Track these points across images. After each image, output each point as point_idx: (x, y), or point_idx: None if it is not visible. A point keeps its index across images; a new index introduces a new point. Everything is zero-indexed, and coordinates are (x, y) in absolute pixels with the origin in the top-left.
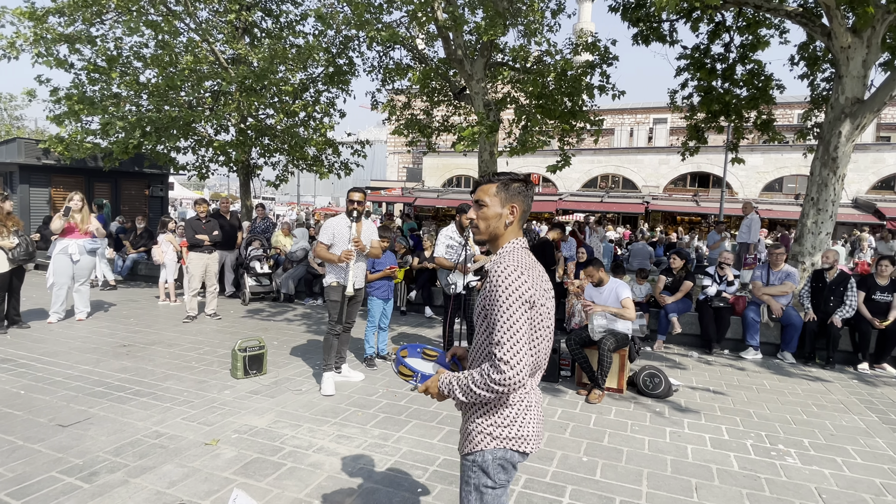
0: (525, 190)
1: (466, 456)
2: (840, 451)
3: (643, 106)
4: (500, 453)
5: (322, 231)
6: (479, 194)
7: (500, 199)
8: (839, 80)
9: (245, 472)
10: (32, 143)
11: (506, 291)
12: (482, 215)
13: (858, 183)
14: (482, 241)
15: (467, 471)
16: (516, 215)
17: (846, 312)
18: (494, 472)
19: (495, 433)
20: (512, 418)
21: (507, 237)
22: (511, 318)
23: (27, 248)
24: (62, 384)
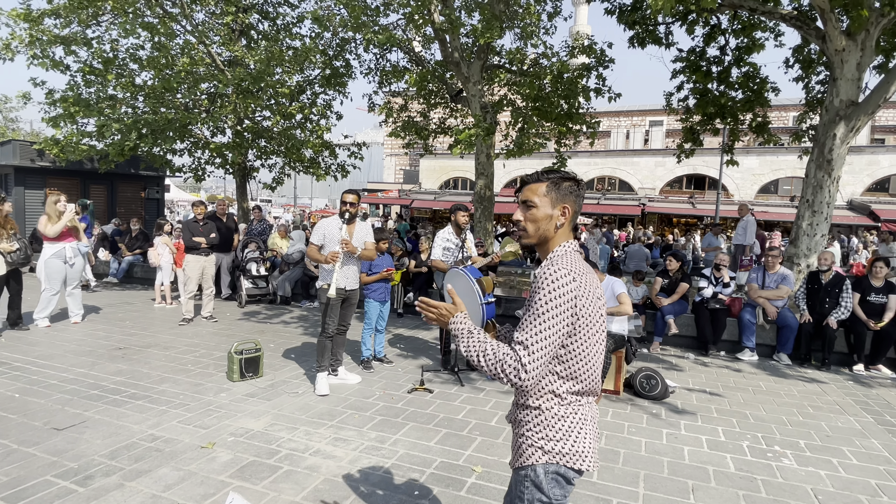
0: (577, 190)
1: (518, 470)
2: (836, 453)
3: (639, 108)
4: (552, 468)
5: (314, 232)
6: (526, 194)
7: (551, 199)
8: (834, 82)
9: (241, 475)
10: (27, 145)
11: (552, 293)
12: (531, 217)
13: (853, 185)
14: (530, 244)
15: (519, 485)
16: (568, 217)
17: (841, 314)
18: (548, 488)
19: (547, 447)
20: (565, 432)
21: (557, 240)
22: (547, 321)
23: (26, 252)
24: (57, 387)
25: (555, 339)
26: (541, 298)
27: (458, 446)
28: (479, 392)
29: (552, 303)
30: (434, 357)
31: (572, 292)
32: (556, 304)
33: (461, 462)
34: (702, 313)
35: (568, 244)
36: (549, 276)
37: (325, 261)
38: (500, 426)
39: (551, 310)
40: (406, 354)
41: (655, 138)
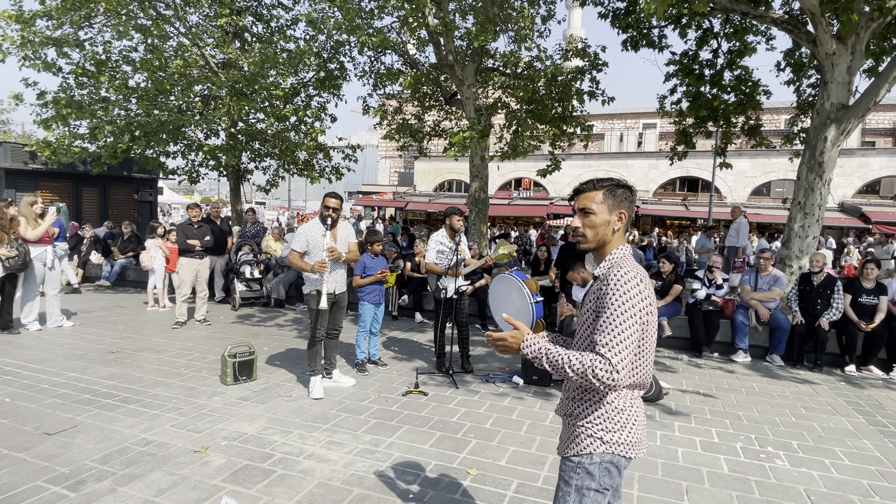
0: (630, 196)
1: (571, 457)
2: (828, 453)
3: (633, 111)
4: (608, 457)
5: (296, 238)
6: (583, 202)
7: (608, 205)
8: (824, 86)
9: (235, 479)
10: (19, 148)
11: (625, 295)
12: (589, 223)
13: (844, 187)
14: (588, 249)
15: (570, 472)
16: (623, 221)
17: (833, 315)
18: (600, 476)
19: (606, 437)
20: (622, 423)
21: (614, 244)
22: (625, 322)
23: (24, 258)
24: (48, 391)
25: (635, 338)
26: (616, 301)
27: (452, 449)
28: (473, 394)
29: (628, 304)
30: (429, 359)
31: (642, 293)
32: (631, 305)
33: (456, 465)
34: (695, 315)
35: (625, 247)
36: (620, 277)
37: (312, 270)
38: (494, 428)
39: (628, 310)
40: (400, 357)
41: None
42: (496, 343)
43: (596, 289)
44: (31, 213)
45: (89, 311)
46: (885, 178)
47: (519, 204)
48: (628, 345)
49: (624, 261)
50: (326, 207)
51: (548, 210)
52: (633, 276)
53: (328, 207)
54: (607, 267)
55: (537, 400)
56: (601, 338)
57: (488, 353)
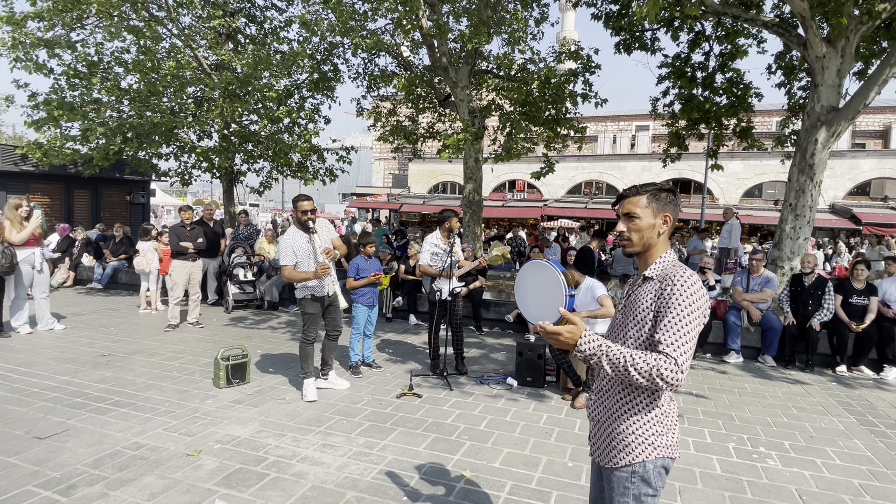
0: (674, 199)
1: (624, 468)
2: (819, 453)
3: (626, 113)
4: (660, 461)
5: (282, 253)
6: (628, 207)
7: (653, 209)
8: (815, 88)
9: (228, 482)
10: (10, 149)
11: (692, 297)
12: (635, 227)
13: (835, 189)
14: (634, 253)
15: (624, 482)
16: (668, 225)
17: (824, 316)
18: (655, 480)
19: (657, 442)
20: (669, 426)
21: (660, 248)
22: (690, 324)
23: (11, 261)
24: (39, 395)
25: (695, 340)
26: (683, 302)
27: (446, 451)
28: (467, 396)
29: (692, 306)
30: (423, 362)
31: (704, 296)
32: (696, 307)
33: (450, 467)
34: None
35: (671, 252)
36: (686, 279)
37: (315, 276)
38: (488, 430)
39: (692, 312)
40: (394, 359)
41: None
42: (549, 335)
43: (654, 289)
44: (15, 216)
45: (81, 314)
46: (875, 179)
47: (513, 206)
48: (692, 346)
49: (680, 265)
50: (304, 212)
51: (542, 212)
52: (697, 279)
53: (305, 212)
54: (660, 269)
55: (531, 401)
56: (666, 337)
57: (482, 354)
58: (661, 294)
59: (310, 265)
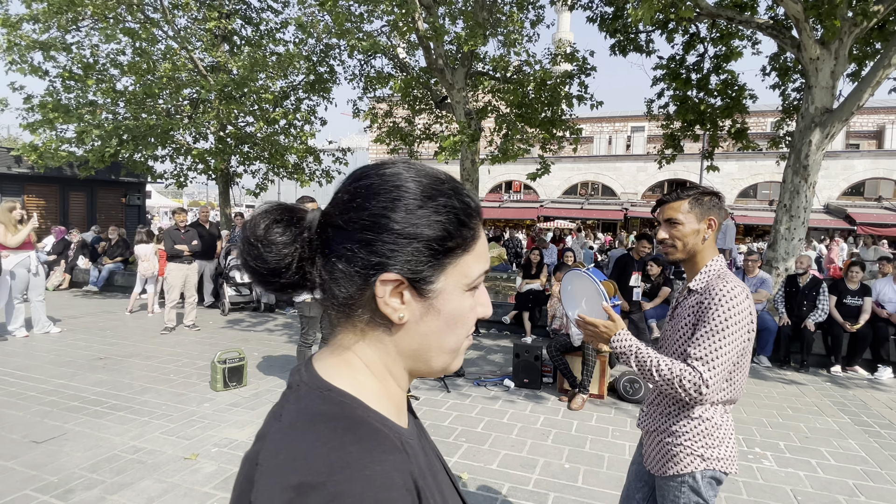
0: (719, 202)
1: (673, 478)
2: (814, 453)
3: (621, 114)
4: (709, 473)
5: None
6: (669, 213)
7: (696, 214)
8: (809, 90)
9: (226, 486)
10: (4, 152)
11: (730, 311)
12: (678, 234)
13: (829, 189)
14: (678, 260)
15: (674, 491)
16: (714, 229)
17: (819, 316)
18: (706, 492)
19: (707, 454)
20: (720, 439)
21: (706, 254)
22: (726, 339)
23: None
24: (36, 399)
25: (733, 356)
26: (720, 315)
27: (444, 453)
28: (464, 398)
29: (732, 319)
30: None
31: (748, 309)
32: (736, 322)
33: None
34: None
35: (719, 258)
36: (726, 293)
37: None
38: (485, 432)
39: (731, 326)
40: None
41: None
42: (587, 327)
43: (696, 302)
44: (9, 219)
45: (77, 317)
46: (869, 179)
47: (509, 207)
48: (724, 362)
49: (726, 275)
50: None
51: (538, 213)
52: (740, 291)
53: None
54: (705, 280)
55: (528, 403)
56: (696, 350)
57: (479, 356)
58: (700, 307)
59: None
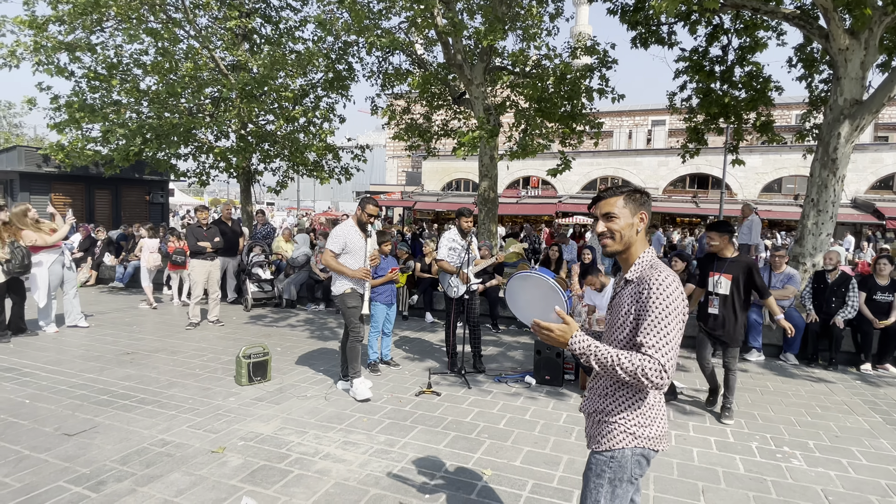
0: (648, 200)
1: (604, 452)
2: (845, 453)
3: (641, 108)
4: (639, 451)
5: (333, 239)
6: (606, 208)
7: (630, 209)
8: (837, 81)
9: (252, 479)
10: (32, 151)
11: (668, 298)
12: (615, 227)
13: (857, 183)
14: (615, 251)
15: (602, 465)
16: (645, 223)
17: (848, 313)
18: (632, 468)
19: (638, 433)
20: (652, 418)
21: (639, 246)
22: (671, 325)
23: (22, 261)
24: (67, 392)
25: (679, 339)
26: (661, 303)
27: (467, 449)
28: (486, 395)
29: (671, 306)
30: (440, 359)
31: (681, 295)
32: (674, 308)
33: (471, 465)
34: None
35: (650, 250)
36: (662, 282)
37: (354, 275)
38: (508, 429)
39: (672, 313)
40: (412, 357)
41: (658, 138)
42: (542, 331)
43: (633, 291)
44: (25, 222)
45: (104, 313)
46: None
47: (527, 203)
48: (674, 346)
49: (658, 264)
50: (370, 215)
51: (556, 208)
52: (673, 279)
53: (371, 215)
54: (640, 270)
55: (550, 400)
56: (648, 340)
57: (500, 352)
58: (639, 297)
59: (357, 262)
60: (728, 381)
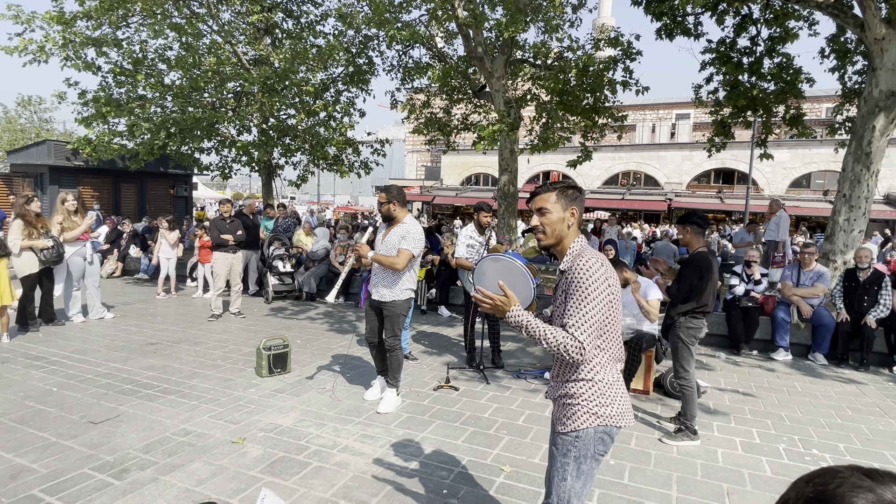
0: (580, 195)
1: (569, 433)
2: (878, 457)
3: (665, 101)
4: (602, 429)
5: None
6: (539, 203)
7: (562, 204)
8: (873, 72)
9: (271, 470)
10: (62, 145)
11: (587, 280)
12: (547, 221)
13: (891, 178)
14: (548, 244)
15: (568, 445)
16: (576, 217)
17: (881, 312)
18: (596, 445)
19: (600, 412)
20: (611, 397)
21: (570, 239)
22: (590, 304)
23: (58, 251)
24: (92, 381)
25: (599, 318)
26: (580, 286)
27: (485, 445)
28: (504, 390)
29: (591, 287)
30: (459, 354)
31: (605, 275)
32: (595, 287)
33: (489, 461)
34: (733, 311)
35: (580, 239)
36: (582, 266)
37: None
38: (527, 425)
39: (592, 293)
40: (430, 351)
41: (682, 132)
42: (484, 300)
43: (564, 280)
44: (63, 209)
45: (129, 304)
46: None
47: None
48: (593, 323)
49: (584, 251)
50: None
51: None
52: (595, 261)
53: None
54: (570, 260)
55: None
56: (569, 320)
57: (519, 348)
58: (567, 284)
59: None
60: None
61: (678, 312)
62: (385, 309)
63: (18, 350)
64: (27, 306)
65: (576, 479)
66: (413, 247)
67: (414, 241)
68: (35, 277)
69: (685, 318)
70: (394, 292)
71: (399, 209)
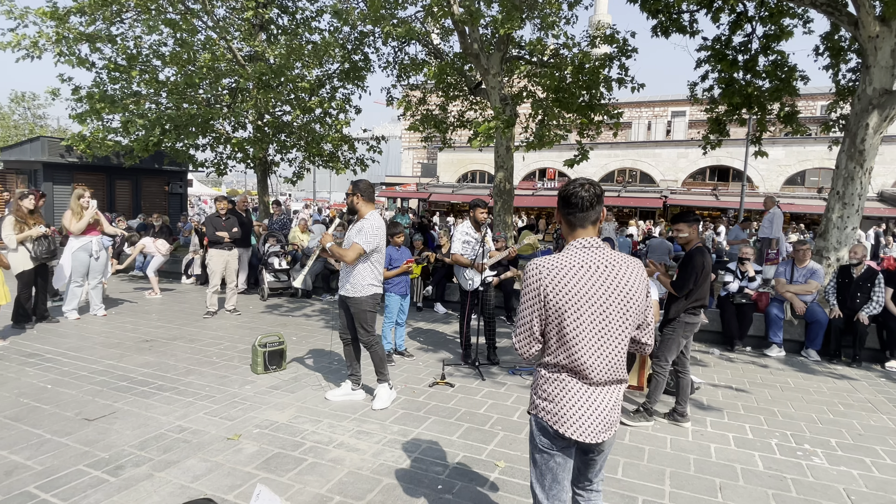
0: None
1: (529, 411)
2: (868, 452)
3: (661, 98)
4: (540, 421)
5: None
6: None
7: None
8: (866, 70)
9: (267, 466)
10: (56, 142)
11: (523, 289)
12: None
13: (884, 176)
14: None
15: (530, 423)
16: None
17: (873, 309)
18: (538, 434)
19: (537, 403)
20: (549, 393)
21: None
22: (522, 307)
23: (49, 247)
24: (87, 378)
25: (529, 319)
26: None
27: (480, 441)
28: (500, 387)
29: (524, 296)
30: (454, 351)
31: (537, 283)
32: (525, 293)
33: (484, 457)
34: (727, 308)
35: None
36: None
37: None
38: (522, 421)
39: (523, 297)
40: (426, 348)
41: (678, 129)
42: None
43: None
44: (77, 205)
45: (124, 301)
46: None
47: (543, 195)
48: (522, 324)
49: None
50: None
51: None
52: (533, 267)
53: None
54: None
55: None
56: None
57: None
58: None
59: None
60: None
61: (680, 308)
62: (350, 306)
63: (13, 347)
64: (24, 304)
65: (533, 467)
66: (365, 241)
67: (367, 237)
68: (31, 274)
69: (685, 314)
70: (356, 288)
71: (363, 203)
